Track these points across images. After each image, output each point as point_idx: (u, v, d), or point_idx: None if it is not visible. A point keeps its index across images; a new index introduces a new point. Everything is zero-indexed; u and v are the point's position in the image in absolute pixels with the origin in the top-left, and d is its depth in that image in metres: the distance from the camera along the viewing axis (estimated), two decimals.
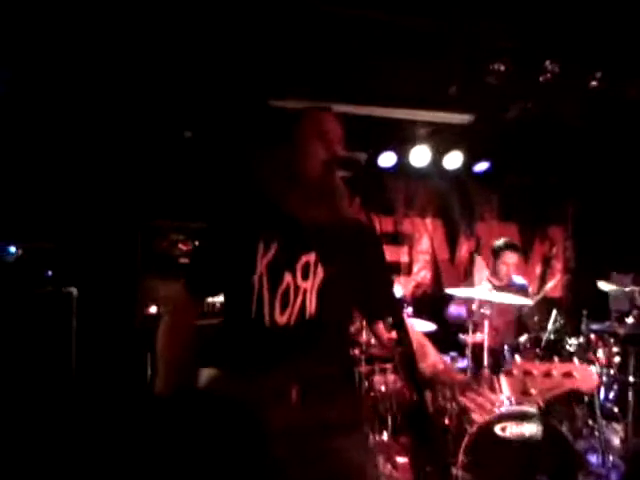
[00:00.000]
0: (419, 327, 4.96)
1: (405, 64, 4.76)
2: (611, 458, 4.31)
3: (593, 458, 4.22)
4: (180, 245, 4.94)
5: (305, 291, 2.03)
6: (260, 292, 2.01)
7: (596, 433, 4.34)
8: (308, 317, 2.03)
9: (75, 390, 4.39)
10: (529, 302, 4.85)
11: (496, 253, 5.39)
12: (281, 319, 2.01)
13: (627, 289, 4.80)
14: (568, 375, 1.85)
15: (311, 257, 2.06)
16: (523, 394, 1.90)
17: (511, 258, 5.29)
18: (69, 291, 4.51)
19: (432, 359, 2.15)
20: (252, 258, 2.02)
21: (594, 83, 4.90)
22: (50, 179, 5.02)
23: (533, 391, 1.88)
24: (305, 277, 2.04)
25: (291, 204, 2.08)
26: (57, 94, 4.77)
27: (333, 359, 2.08)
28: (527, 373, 1.89)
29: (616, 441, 4.54)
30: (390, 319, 2.09)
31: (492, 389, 1.93)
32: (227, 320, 2.16)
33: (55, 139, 5.02)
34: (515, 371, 1.90)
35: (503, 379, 1.91)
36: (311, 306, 2.03)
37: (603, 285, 5.05)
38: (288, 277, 2.03)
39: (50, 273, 4.65)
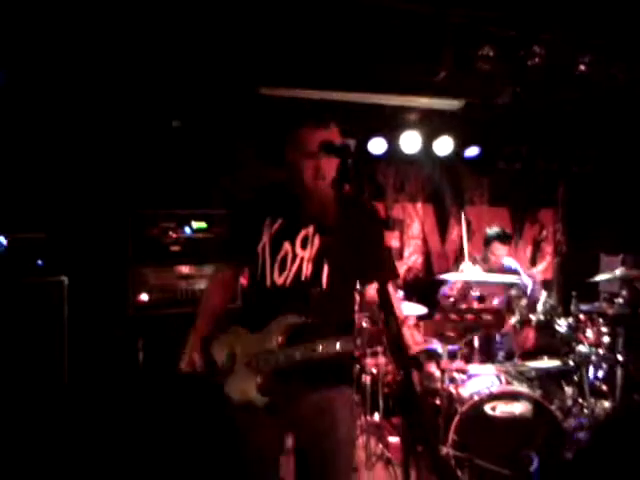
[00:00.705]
0: (411, 310, 5.01)
1: (394, 50, 4.77)
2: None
3: (582, 435, 4.26)
4: (170, 232, 4.94)
5: (302, 258, 2.45)
6: (263, 259, 2.48)
7: (585, 411, 4.38)
8: (303, 280, 2.44)
9: (68, 378, 4.40)
10: (519, 281, 4.89)
11: (486, 242, 5.43)
12: (279, 280, 2.46)
13: (616, 273, 4.81)
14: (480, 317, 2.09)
15: (310, 230, 2.48)
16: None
17: (500, 250, 5.33)
18: (60, 280, 4.51)
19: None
20: (259, 232, 2.52)
21: (582, 67, 4.92)
22: (40, 168, 5.00)
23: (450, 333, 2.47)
24: (304, 247, 2.47)
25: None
26: (44, 83, 4.75)
27: (324, 317, 2.38)
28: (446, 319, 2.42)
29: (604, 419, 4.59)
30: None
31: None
32: (247, 285, 2.67)
33: (44, 129, 5.00)
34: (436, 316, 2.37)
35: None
36: (307, 271, 2.44)
37: (594, 279, 5.05)
38: (287, 246, 2.47)
39: (41, 262, 4.65)
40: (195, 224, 5.02)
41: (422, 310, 5.04)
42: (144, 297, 4.83)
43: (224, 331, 2.59)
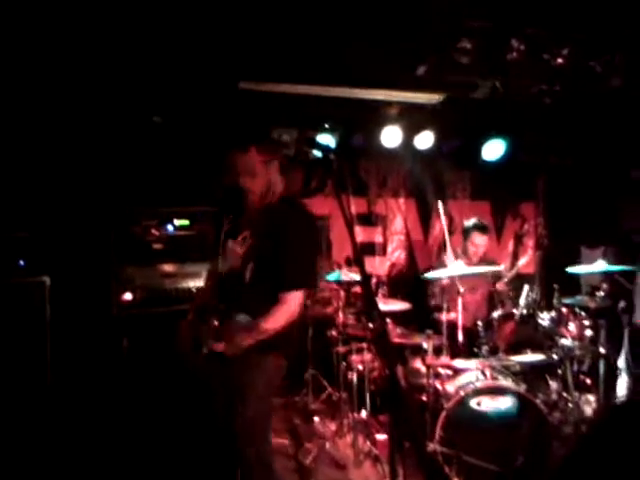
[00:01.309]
0: (395, 306, 5.03)
1: (373, 45, 4.76)
2: (584, 428, 4.40)
3: (567, 429, 4.30)
4: (153, 230, 4.90)
5: (237, 255, 2.93)
6: (219, 250, 3.05)
7: (570, 405, 4.43)
8: (232, 272, 2.95)
9: (50, 379, 4.37)
10: (500, 269, 4.93)
11: (465, 233, 5.47)
12: (222, 269, 3.03)
13: (596, 266, 4.86)
14: None
15: (247, 233, 2.95)
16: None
17: (479, 239, 5.37)
18: (42, 280, 4.48)
19: None
20: (220, 230, 3.08)
21: (560, 60, 4.94)
22: (21, 168, 4.95)
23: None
24: (242, 246, 2.94)
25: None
26: (25, 82, 4.70)
27: (247, 302, 2.88)
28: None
29: (589, 412, 4.64)
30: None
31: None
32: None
33: (25, 128, 4.95)
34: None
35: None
36: (237, 265, 2.92)
37: (573, 269, 5.10)
38: (230, 243, 3.00)
39: (23, 262, 4.60)
40: (177, 222, 4.99)
41: (406, 306, 5.07)
42: (128, 296, 4.80)
43: None
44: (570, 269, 4.99)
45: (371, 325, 4.50)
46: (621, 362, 5.04)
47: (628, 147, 6.06)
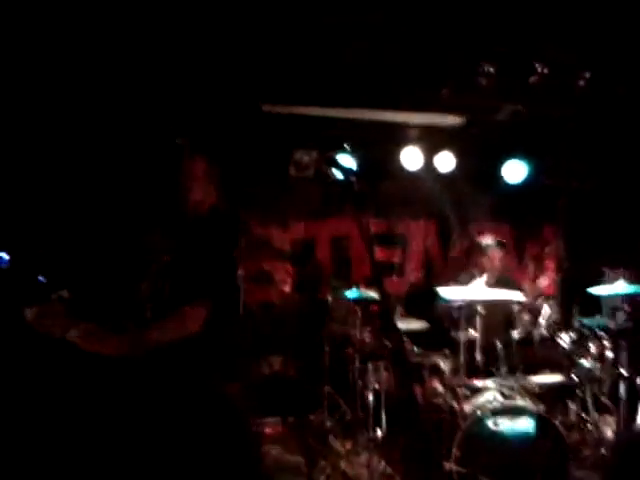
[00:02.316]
0: (412, 326, 5.01)
1: (397, 68, 4.81)
2: (603, 451, 4.32)
3: (586, 451, 4.22)
4: None
5: (164, 278, 2.73)
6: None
7: (589, 426, 4.35)
8: (167, 293, 2.70)
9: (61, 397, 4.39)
10: (520, 298, 4.86)
11: (480, 250, 5.42)
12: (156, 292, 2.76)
13: (617, 287, 4.79)
14: None
15: (167, 257, 2.75)
16: None
17: (496, 252, 5.30)
18: (61, 295, 4.52)
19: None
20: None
21: (582, 83, 4.94)
22: (41, 187, 5.04)
23: None
24: (162, 270, 2.75)
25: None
26: (48, 100, 4.81)
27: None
28: None
29: (609, 434, 4.55)
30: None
31: None
32: None
33: (44, 147, 5.04)
34: None
35: None
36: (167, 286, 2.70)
37: (594, 290, 5.02)
38: (154, 267, 2.77)
39: (42, 278, 4.66)
40: None
41: (423, 325, 5.04)
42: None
43: None
44: (591, 290, 4.92)
45: (388, 344, 4.48)
46: None
47: None
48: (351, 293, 5.10)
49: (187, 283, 2.68)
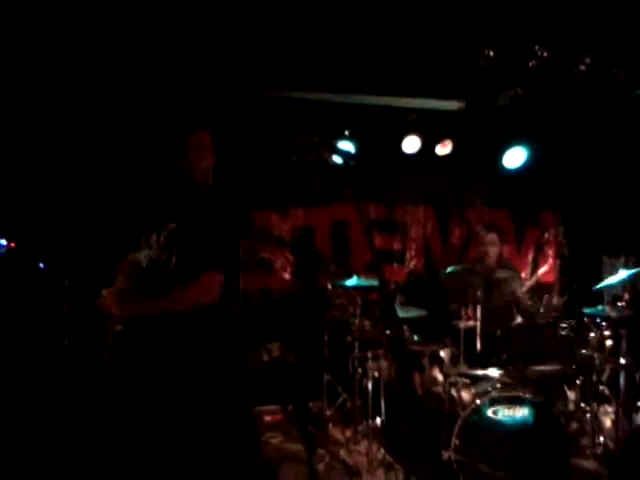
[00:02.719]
0: (412, 313, 5.01)
1: (396, 53, 4.76)
2: (602, 440, 4.34)
3: (585, 440, 4.23)
4: None
5: (164, 247, 2.83)
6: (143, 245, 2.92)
7: (587, 415, 4.36)
8: (173, 261, 2.80)
9: (68, 379, 4.40)
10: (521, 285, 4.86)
11: (477, 237, 5.42)
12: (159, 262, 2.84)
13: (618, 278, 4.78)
14: None
15: (172, 225, 2.85)
16: None
17: (489, 237, 5.27)
18: (61, 283, 4.52)
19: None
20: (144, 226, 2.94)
21: (582, 68, 4.89)
22: (41, 174, 5.02)
23: None
24: (166, 239, 2.84)
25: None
26: (52, 95, 4.79)
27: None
28: None
29: (607, 423, 4.56)
30: None
31: None
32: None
33: (44, 133, 5.01)
34: None
35: None
36: (163, 256, 2.81)
37: (597, 286, 5.00)
38: (154, 237, 2.87)
39: (43, 265, 4.65)
40: None
41: (423, 313, 5.04)
42: None
43: None
44: (594, 286, 4.90)
45: (388, 331, 4.48)
46: None
47: None
48: (351, 281, 5.09)
49: (197, 251, 2.77)
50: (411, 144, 6.01)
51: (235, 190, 3.05)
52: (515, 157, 6.23)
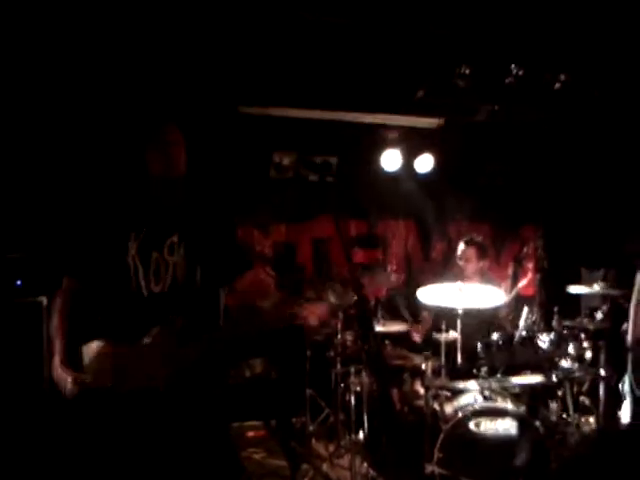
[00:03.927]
0: (393, 328, 5.03)
1: (374, 69, 4.81)
2: (584, 450, 4.35)
3: (567, 451, 4.25)
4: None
5: (175, 264, 2.61)
6: (135, 269, 2.57)
7: (569, 427, 4.38)
8: (180, 284, 2.61)
9: (47, 398, 4.35)
10: (498, 304, 4.88)
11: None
12: (156, 288, 2.59)
13: (596, 287, 4.84)
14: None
15: (174, 238, 2.63)
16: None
17: (468, 252, 5.29)
18: (39, 300, 4.48)
19: (273, 296, 2.74)
20: (125, 244, 2.57)
21: (558, 85, 4.98)
22: (18, 189, 4.98)
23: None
24: (171, 253, 2.61)
25: (157, 198, 2.66)
26: (26, 103, 4.76)
27: (200, 311, 2.64)
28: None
29: (589, 434, 4.58)
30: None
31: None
32: (106, 297, 2.62)
33: (21, 149, 4.98)
34: None
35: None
36: (181, 275, 2.61)
37: (573, 288, 5.07)
38: (155, 255, 2.59)
39: (20, 283, 4.61)
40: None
41: (404, 327, 5.05)
42: None
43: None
44: (570, 289, 4.96)
45: (365, 346, 4.49)
46: (626, 386, 4.96)
47: (630, 171, 6.06)
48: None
49: (216, 261, 2.67)
50: (391, 160, 6.05)
51: (221, 200, 2.95)
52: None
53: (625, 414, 4.44)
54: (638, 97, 5.17)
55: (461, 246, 5.35)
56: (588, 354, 4.58)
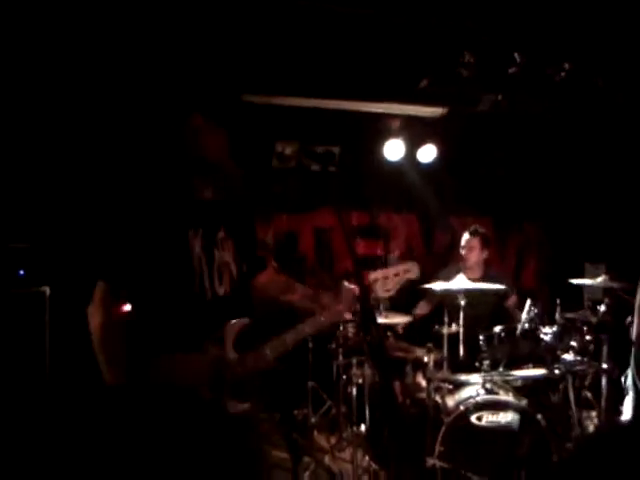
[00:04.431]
0: (395, 320, 5.01)
1: (377, 58, 4.77)
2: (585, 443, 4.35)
3: (569, 444, 4.25)
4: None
5: (228, 263, 2.40)
6: (201, 271, 2.32)
7: (571, 420, 4.38)
8: (236, 284, 2.41)
9: (49, 388, 4.36)
10: (502, 288, 4.88)
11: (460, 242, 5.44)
12: (220, 290, 2.35)
13: (599, 280, 4.82)
14: (404, 273, 2.43)
15: (222, 233, 2.41)
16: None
17: (472, 242, 5.29)
18: (42, 290, 4.48)
19: (301, 291, 2.57)
20: (186, 244, 2.30)
21: (562, 75, 4.94)
22: (21, 178, 4.95)
23: (380, 293, 2.41)
24: (224, 250, 2.40)
25: (201, 192, 2.43)
26: (31, 96, 4.73)
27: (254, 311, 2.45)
28: (374, 281, 2.43)
29: (590, 427, 4.60)
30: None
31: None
32: (167, 306, 2.31)
33: (26, 138, 4.96)
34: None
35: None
36: (234, 274, 2.41)
37: (576, 280, 5.05)
38: (217, 253, 2.37)
39: (22, 272, 4.60)
40: None
41: (406, 319, 5.04)
42: (127, 307, 4.77)
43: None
44: (573, 281, 4.93)
45: (367, 338, 4.48)
46: (628, 380, 4.95)
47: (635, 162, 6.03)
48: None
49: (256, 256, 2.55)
50: (394, 150, 6.02)
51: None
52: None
53: (627, 409, 4.44)
54: None
55: (465, 236, 5.35)
56: (590, 347, 4.57)
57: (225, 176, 2.47)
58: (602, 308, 4.64)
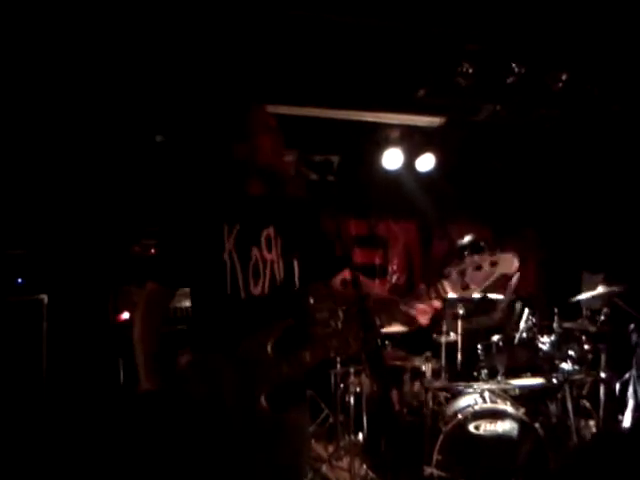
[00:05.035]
0: (393, 329, 5.00)
1: (375, 67, 4.79)
2: (583, 453, 4.34)
3: (566, 454, 4.24)
4: (152, 249, 4.90)
5: (272, 262, 2.31)
6: (232, 268, 2.25)
7: (569, 429, 4.37)
8: (279, 284, 2.30)
9: (46, 396, 4.35)
10: (500, 297, 4.88)
11: (460, 253, 5.41)
12: (255, 290, 2.27)
13: (598, 291, 4.81)
14: (494, 264, 2.15)
15: (270, 231, 2.34)
16: (463, 289, 2.15)
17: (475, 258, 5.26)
18: (40, 298, 4.48)
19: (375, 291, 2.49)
20: (220, 239, 2.26)
21: (559, 84, 4.96)
22: (19, 185, 4.96)
23: (472, 285, 2.15)
24: (269, 249, 2.32)
25: (249, 187, 2.37)
26: (24, 100, 4.72)
27: (300, 315, 2.33)
28: (462, 272, 2.15)
29: (588, 436, 4.58)
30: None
31: (436, 296, 2.18)
32: (200, 304, 2.34)
33: (23, 145, 4.96)
34: (452, 273, 2.15)
35: (444, 282, 2.15)
36: (280, 274, 2.31)
37: (576, 298, 5.02)
38: (255, 251, 2.30)
39: (21, 280, 4.60)
40: None
41: (404, 328, 5.03)
42: (126, 315, 4.78)
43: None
44: (572, 298, 4.92)
45: (365, 346, 4.46)
46: (629, 390, 4.93)
47: (633, 171, 6.04)
48: None
49: (315, 258, 2.40)
50: (393, 159, 6.03)
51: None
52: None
53: (627, 418, 4.45)
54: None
55: (467, 251, 5.32)
56: (589, 356, 4.57)
57: (276, 174, 2.39)
58: (601, 317, 4.64)
